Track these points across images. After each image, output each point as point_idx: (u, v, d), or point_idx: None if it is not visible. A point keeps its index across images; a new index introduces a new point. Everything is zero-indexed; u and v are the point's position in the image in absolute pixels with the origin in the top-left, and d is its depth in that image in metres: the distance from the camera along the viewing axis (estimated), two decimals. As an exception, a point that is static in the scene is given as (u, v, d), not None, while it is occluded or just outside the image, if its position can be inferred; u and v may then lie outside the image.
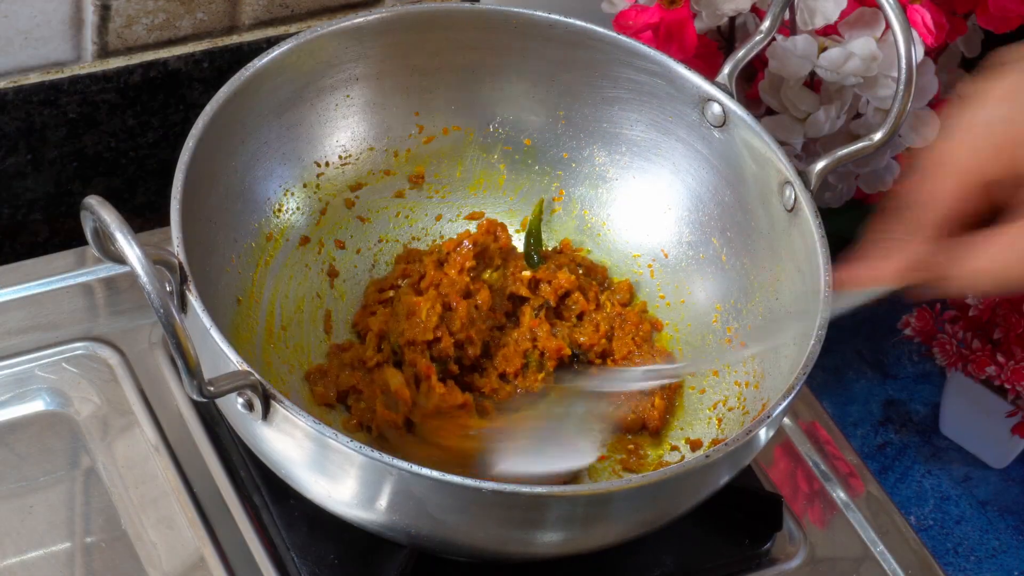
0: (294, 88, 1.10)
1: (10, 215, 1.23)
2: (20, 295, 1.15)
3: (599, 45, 1.13)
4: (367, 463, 0.90)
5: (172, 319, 0.86)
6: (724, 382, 1.11)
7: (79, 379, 1.11)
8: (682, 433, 1.10)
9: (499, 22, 1.13)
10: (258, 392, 0.91)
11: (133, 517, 1.05)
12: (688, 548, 1.07)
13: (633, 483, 0.93)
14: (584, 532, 0.96)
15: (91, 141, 1.22)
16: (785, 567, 1.09)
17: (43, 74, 1.18)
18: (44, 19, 1.15)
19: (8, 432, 1.08)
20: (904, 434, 1.31)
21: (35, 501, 1.05)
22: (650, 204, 1.17)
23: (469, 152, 1.18)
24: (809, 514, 1.13)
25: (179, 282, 0.94)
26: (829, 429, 1.18)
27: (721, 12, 1.17)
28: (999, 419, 1.24)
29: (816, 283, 1.02)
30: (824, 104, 1.17)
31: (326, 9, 1.24)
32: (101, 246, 0.91)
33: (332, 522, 0.99)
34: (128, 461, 1.07)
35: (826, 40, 1.17)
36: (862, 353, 1.36)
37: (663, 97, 1.13)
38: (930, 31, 1.15)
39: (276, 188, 1.12)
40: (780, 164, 1.06)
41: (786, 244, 1.08)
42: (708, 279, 1.15)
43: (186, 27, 1.20)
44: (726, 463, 0.96)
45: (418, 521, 0.93)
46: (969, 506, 1.26)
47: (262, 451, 0.97)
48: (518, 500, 0.90)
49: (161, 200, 1.25)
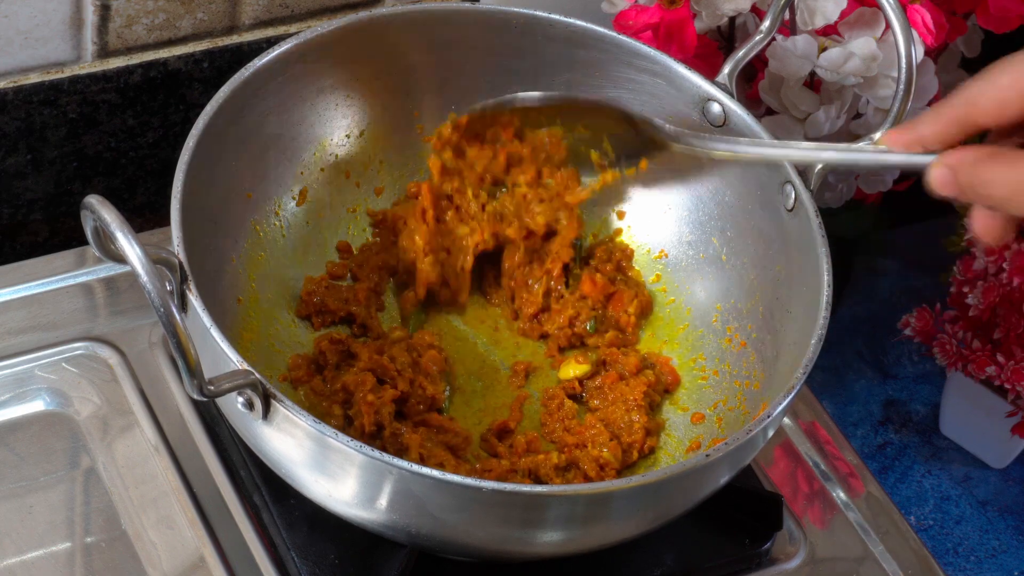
0: (294, 88, 1.10)
1: (10, 215, 1.23)
2: (20, 295, 1.15)
3: (599, 45, 1.13)
4: (367, 462, 0.90)
5: (172, 318, 0.86)
6: (724, 382, 1.11)
7: (79, 379, 1.11)
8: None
9: (499, 22, 1.13)
10: (258, 391, 0.91)
11: (133, 517, 1.05)
12: (688, 548, 1.07)
13: (633, 483, 0.93)
14: (584, 532, 0.96)
15: (91, 141, 1.22)
16: (785, 567, 1.09)
17: (43, 74, 1.18)
18: (44, 19, 1.15)
19: (8, 432, 1.08)
20: (904, 434, 1.31)
21: (35, 501, 1.05)
22: (650, 204, 1.17)
23: (469, 152, 1.18)
24: (809, 514, 1.13)
25: (179, 281, 0.94)
26: (829, 429, 1.18)
27: (721, 12, 1.17)
28: (999, 419, 1.24)
29: (816, 283, 1.02)
30: (824, 104, 1.17)
31: (326, 9, 1.24)
32: (101, 245, 0.91)
33: (332, 522, 0.99)
34: (128, 461, 1.07)
35: (826, 40, 1.17)
36: (862, 353, 1.36)
37: (663, 97, 1.13)
38: (930, 31, 1.15)
39: (276, 188, 1.12)
40: (780, 164, 1.06)
41: (786, 244, 1.08)
42: (708, 279, 1.15)
43: (186, 27, 1.20)
44: (726, 463, 0.96)
45: (418, 520, 0.93)
46: (969, 506, 1.26)
47: (262, 450, 0.97)
48: (518, 499, 0.90)
49: (161, 200, 1.26)
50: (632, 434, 1.07)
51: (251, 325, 1.08)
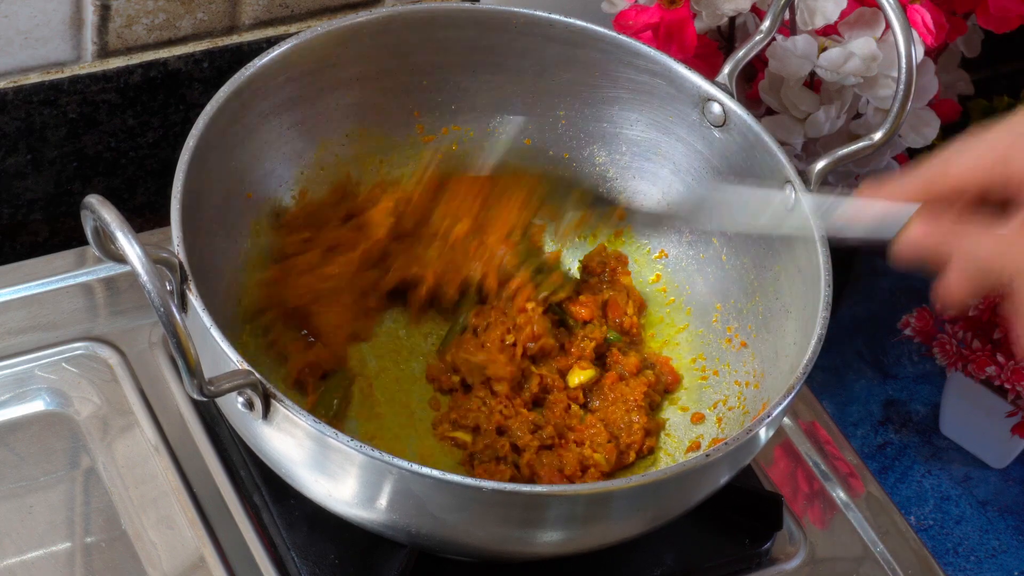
0: (295, 87, 1.10)
1: (10, 215, 1.23)
2: (20, 295, 1.15)
3: (599, 45, 1.13)
4: (367, 462, 0.90)
5: (172, 318, 0.86)
6: (724, 382, 1.11)
7: (79, 379, 1.11)
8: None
9: (499, 22, 1.13)
10: (258, 391, 0.91)
11: (133, 517, 1.05)
12: (688, 548, 1.07)
13: (633, 483, 0.93)
14: (584, 531, 0.96)
15: (91, 141, 1.22)
16: (785, 567, 1.09)
17: (43, 74, 1.18)
18: (44, 19, 1.15)
19: (8, 432, 1.08)
20: (904, 434, 1.31)
21: (35, 501, 1.05)
22: (651, 204, 1.17)
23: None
24: (809, 514, 1.13)
25: (179, 281, 0.94)
26: (829, 429, 1.18)
27: (721, 12, 1.17)
28: (999, 419, 1.24)
29: (816, 283, 1.02)
30: (824, 104, 1.17)
31: (326, 9, 1.24)
32: (101, 245, 0.91)
33: (332, 521, 0.99)
34: (128, 461, 1.07)
35: (826, 40, 1.17)
36: (862, 353, 1.36)
37: (663, 97, 1.13)
38: (930, 31, 1.15)
39: (277, 187, 1.12)
40: (780, 164, 1.06)
41: (786, 244, 1.08)
42: (708, 279, 1.15)
43: (186, 27, 1.20)
44: (726, 463, 0.96)
45: (418, 520, 0.93)
46: (969, 506, 1.26)
47: (262, 450, 0.97)
48: (518, 499, 0.90)
49: (161, 200, 1.26)
50: (631, 435, 1.07)
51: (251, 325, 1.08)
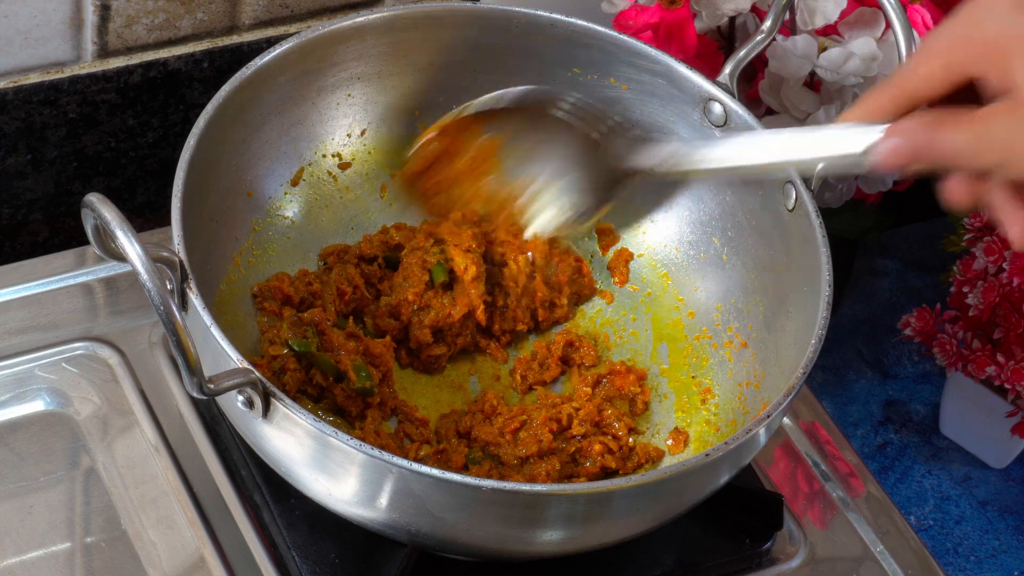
0: (295, 87, 1.10)
1: (10, 215, 1.23)
2: (20, 295, 1.15)
3: (600, 45, 1.13)
4: (368, 461, 0.90)
5: (173, 316, 0.86)
6: (724, 382, 1.11)
7: (79, 379, 1.11)
8: None
9: (499, 22, 1.13)
10: (258, 390, 0.91)
11: (133, 517, 1.05)
12: (688, 547, 1.07)
13: (633, 482, 0.93)
14: (584, 531, 0.96)
15: (91, 141, 1.22)
16: (785, 567, 1.09)
17: (43, 74, 1.18)
18: (44, 19, 1.15)
19: (8, 432, 1.08)
20: (904, 434, 1.31)
21: (35, 501, 1.05)
22: (651, 204, 1.17)
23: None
24: (809, 514, 1.13)
25: (179, 280, 0.94)
26: (829, 429, 1.18)
27: (721, 12, 1.17)
28: (999, 419, 1.24)
29: (816, 283, 1.02)
30: (824, 104, 1.17)
31: (326, 9, 1.24)
32: (102, 244, 0.91)
33: (332, 521, 0.99)
34: (128, 461, 1.07)
35: (826, 40, 1.17)
36: (862, 353, 1.36)
37: (664, 97, 1.13)
38: (930, 31, 1.15)
39: (277, 187, 1.12)
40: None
41: (786, 244, 1.08)
42: (709, 279, 1.15)
43: (186, 27, 1.20)
44: (726, 463, 0.96)
45: (418, 519, 0.93)
46: (969, 506, 1.26)
47: (262, 449, 0.97)
48: (518, 499, 0.90)
49: (161, 200, 1.26)
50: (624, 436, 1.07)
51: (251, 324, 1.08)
